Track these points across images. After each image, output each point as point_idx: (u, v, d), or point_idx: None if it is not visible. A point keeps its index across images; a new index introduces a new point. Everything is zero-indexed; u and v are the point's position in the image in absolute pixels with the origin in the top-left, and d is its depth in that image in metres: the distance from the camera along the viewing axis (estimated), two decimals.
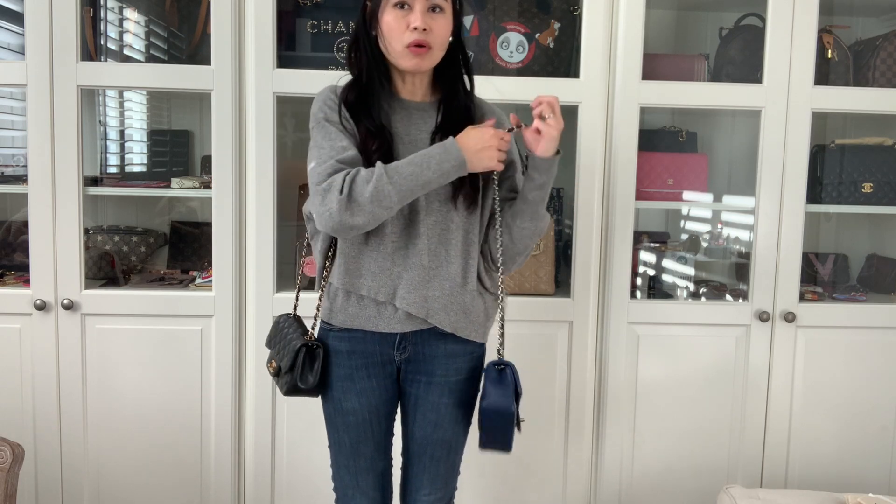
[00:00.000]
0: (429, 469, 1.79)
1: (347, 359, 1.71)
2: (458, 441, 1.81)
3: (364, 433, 1.75)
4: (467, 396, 1.78)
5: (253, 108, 2.25)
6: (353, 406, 1.73)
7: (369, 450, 1.76)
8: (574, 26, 2.43)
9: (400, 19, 1.60)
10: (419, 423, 1.77)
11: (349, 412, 1.73)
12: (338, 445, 1.77)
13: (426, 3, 1.60)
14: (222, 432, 2.35)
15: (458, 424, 1.79)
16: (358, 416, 1.73)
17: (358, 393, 1.72)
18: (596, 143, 2.33)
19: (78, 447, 2.34)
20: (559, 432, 2.43)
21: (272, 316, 2.30)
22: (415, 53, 1.61)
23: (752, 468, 2.46)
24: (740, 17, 2.50)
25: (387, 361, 1.73)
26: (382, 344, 1.71)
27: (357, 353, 1.71)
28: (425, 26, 1.59)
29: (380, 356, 1.72)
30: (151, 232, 2.65)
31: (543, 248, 2.40)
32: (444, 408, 1.75)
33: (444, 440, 1.78)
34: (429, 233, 1.66)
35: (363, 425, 1.74)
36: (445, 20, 1.63)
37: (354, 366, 1.71)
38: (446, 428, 1.77)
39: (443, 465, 1.80)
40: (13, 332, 2.29)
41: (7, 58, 2.40)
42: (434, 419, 1.76)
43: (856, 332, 2.44)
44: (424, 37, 1.60)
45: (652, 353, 2.41)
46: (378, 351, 1.72)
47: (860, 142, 2.54)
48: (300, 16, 2.39)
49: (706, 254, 2.69)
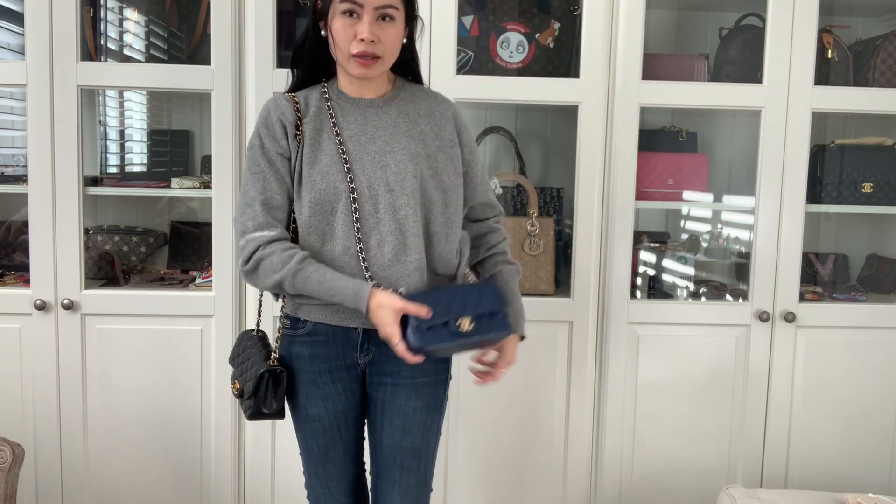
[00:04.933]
0: (399, 482, 1.72)
1: (310, 363, 1.68)
2: (429, 450, 1.74)
3: (332, 439, 1.72)
4: (436, 400, 1.73)
5: (253, 108, 2.25)
6: (319, 412, 1.69)
7: (338, 455, 1.73)
8: (574, 26, 2.43)
9: (348, 28, 1.57)
10: (387, 430, 1.71)
11: (315, 418, 1.70)
12: (307, 453, 1.75)
13: (375, 13, 1.56)
14: (222, 432, 2.35)
15: (427, 431, 1.72)
16: (324, 422, 1.70)
17: (322, 398, 1.69)
18: (596, 143, 2.33)
19: (78, 447, 2.34)
20: (559, 433, 2.43)
21: (272, 316, 2.31)
22: (360, 63, 1.58)
23: (752, 468, 2.46)
24: (740, 17, 2.50)
25: (350, 365, 1.69)
26: (345, 346, 1.68)
27: (320, 357, 1.67)
28: (373, 37, 1.55)
29: (343, 359, 1.68)
30: (151, 232, 2.65)
31: (543, 248, 2.40)
32: (411, 411, 1.69)
33: (413, 447, 1.71)
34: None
35: (330, 431, 1.71)
36: (395, 28, 1.59)
37: (318, 370, 1.68)
38: (415, 434, 1.70)
39: (413, 477, 1.73)
40: (13, 332, 2.29)
41: (7, 58, 2.40)
42: (402, 424, 1.70)
43: (856, 332, 2.44)
44: (372, 48, 1.57)
45: (652, 353, 2.41)
46: (341, 354, 1.68)
47: (860, 142, 2.54)
48: (300, 16, 2.40)
49: (706, 254, 2.69)
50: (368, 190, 1.61)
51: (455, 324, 1.55)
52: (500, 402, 2.40)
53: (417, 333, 1.53)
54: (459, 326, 1.55)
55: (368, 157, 1.62)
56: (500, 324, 1.60)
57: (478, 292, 1.62)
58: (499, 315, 1.60)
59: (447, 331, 1.54)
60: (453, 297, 1.59)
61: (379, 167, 1.62)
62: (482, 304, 1.59)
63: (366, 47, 1.56)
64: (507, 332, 1.63)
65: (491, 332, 1.60)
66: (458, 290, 1.63)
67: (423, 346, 1.53)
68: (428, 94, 1.73)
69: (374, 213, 1.61)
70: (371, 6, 1.55)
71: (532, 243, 2.40)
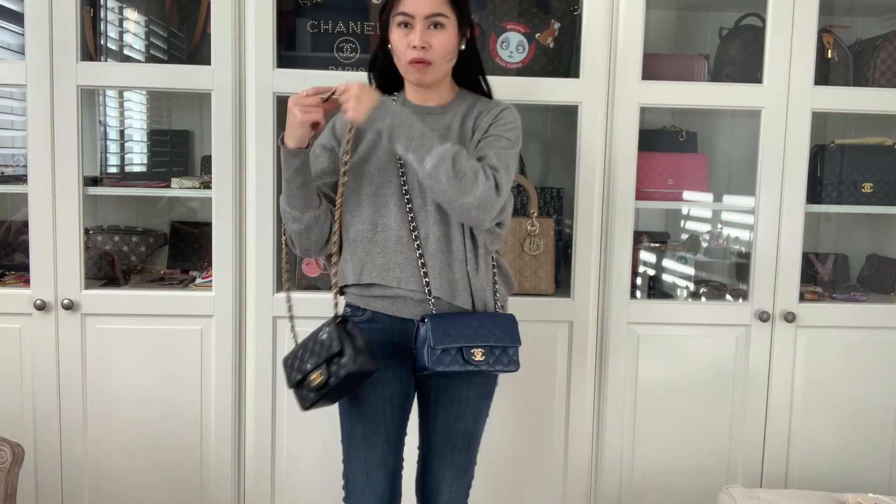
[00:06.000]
0: (451, 460, 1.85)
1: None
2: (478, 432, 1.88)
3: (377, 425, 1.78)
4: (487, 389, 1.85)
5: (253, 108, 2.25)
6: (368, 396, 1.76)
7: (380, 443, 1.79)
8: (574, 26, 2.43)
9: (402, 38, 1.71)
10: (441, 416, 1.83)
11: (364, 401, 1.77)
12: (350, 437, 1.80)
13: (426, 21, 1.69)
14: (222, 432, 2.35)
15: (479, 417, 1.86)
16: (373, 407, 1.77)
17: (374, 382, 1.74)
18: (596, 143, 2.33)
19: (78, 447, 2.34)
20: (559, 432, 2.43)
21: (272, 316, 2.31)
22: (416, 69, 1.72)
23: (752, 468, 2.46)
24: (740, 17, 2.50)
25: (404, 353, 1.78)
26: (402, 336, 1.77)
27: (376, 343, 1.75)
28: (423, 44, 1.68)
29: (398, 347, 1.78)
30: (151, 232, 2.65)
31: (543, 248, 2.40)
32: (465, 400, 1.81)
33: (465, 431, 1.84)
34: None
35: (377, 416, 1.78)
36: (446, 35, 1.71)
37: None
38: (468, 420, 1.83)
39: (464, 456, 1.86)
40: (13, 332, 2.29)
41: (7, 58, 2.40)
42: (456, 411, 1.82)
43: (856, 332, 2.44)
44: (423, 54, 1.70)
45: (652, 353, 2.41)
46: (397, 342, 1.78)
47: (860, 142, 2.54)
48: (300, 16, 2.39)
49: (706, 254, 2.69)
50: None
51: (469, 352, 1.67)
52: (500, 402, 2.38)
53: (432, 354, 1.65)
54: (473, 355, 1.66)
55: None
56: (511, 360, 1.72)
57: (493, 323, 1.72)
58: (510, 350, 1.72)
59: (460, 357, 1.67)
60: (470, 323, 1.70)
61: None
62: (497, 336, 1.70)
63: (418, 54, 1.69)
64: (515, 368, 1.74)
65: (499, 366, 1.71)
66: (475, 318, 1.72)
67: (434, 368, 1.66)
68: (484, 102, 1.83)
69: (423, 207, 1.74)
70: (421, 15, 1.68)
71: (532, 243, 2.40)
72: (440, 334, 1.66)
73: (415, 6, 1.68)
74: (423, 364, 1.68)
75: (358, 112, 1.63)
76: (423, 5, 1.68)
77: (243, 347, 2.35)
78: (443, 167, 1.60)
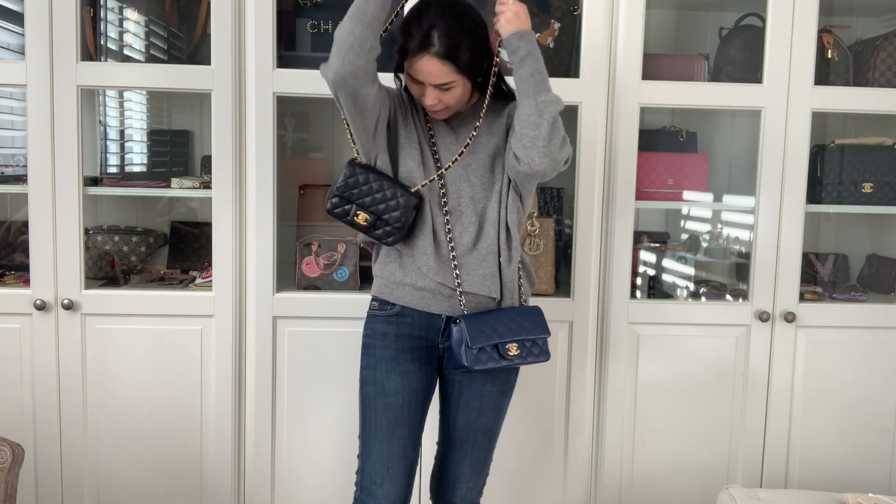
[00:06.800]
0: (470, 455, 1.89)
1: (395, 341, 1.81)
2: (498, 430, 1.92)
3: (401, 416, 1.80)
4: (508, 385, 1.88)
5: (253, 108, 2.25)
6: (395, 387, 1.79)
7: (403, 435, 1.81)
8: (574, 26, 2.43)
9: (416, 88, 1.75)
10: (463, 410, 1.86)
11: (390, 392, 1.79)
12: (374, 429, 1.82)
13: (436, 88, 1.71)
14: (222, 432, 2.35)
15: (499, 413, 1.89)
16: (398, 398, 1.80)
17: (401, 374, 1.79)
18: (596, 143, 2.33)
19: (78, 447, 2.34)
20: (559, 432, 2.43)
21: (272, 316, 2.31)
22: (433, 113, 1.79)
23: (752, 468, 2.46)
24: (740, 17, 2.50)
25: (431, 348, 1.83)
26: (429, 330, 1.81)
27: (404, 336, 1.81)
28: (435, 101, 1.73)
29: (426, 341, 1.82)
30: (151, 232, 2.65)
31: (543, 248, 2.40)
32: (487, 395, 1.85)
33: (485, 427, 1.88)
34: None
35: (402, 408, 1.80)
36: (458, 90, 1.73)
37: (401, 348, 1.81)
38: (489, 415, 1.87)
39: (482, 451, 1.90)
40: (13, 332, 2.29)
41: (7, 58, 2.40)
42: (478, 406, 1.85)
43: (856, 332, 2.44)
44: (438, 105, 1.74)
45: (652, 353, 2.41)
46: (424, 336, 1.82)
47: (860, 142, 2.54)
48: (300, 16, 2.39)
49: (706, 254, 2.69)
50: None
51: (504, 347, 1.74)
52: None
53: (470, 354, 1.72)
54: (508, 351, 1.75)
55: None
56: (542, 351, 1.80)
57: (522, 317, 1.79)
58: (540, 341, 1.80)
59: (496, 353, 1.74)
60: (500, 319, 1.77)
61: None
62: (527, 328, 1.78)
63: (432, 106, 1.74)
64: (547, 358, 1.81)
65: (531, 358, 1.79)
66: (504, 313, 1.79)
67: (474, 367, 1.73)
68: (510, 101, 1.85)
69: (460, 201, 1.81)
70: (430, 83, 1.71)
71: (532, 243, 2.40)
72: (475, 333, 1.72)
73: (424, 75, 1.70)
74: (462, 364, 1.73)
75: (509, 25, 1.72)
76: (431, 76, 1.70)
77: (243, 347, 2.35)
78: (553, 108, 1.67)
